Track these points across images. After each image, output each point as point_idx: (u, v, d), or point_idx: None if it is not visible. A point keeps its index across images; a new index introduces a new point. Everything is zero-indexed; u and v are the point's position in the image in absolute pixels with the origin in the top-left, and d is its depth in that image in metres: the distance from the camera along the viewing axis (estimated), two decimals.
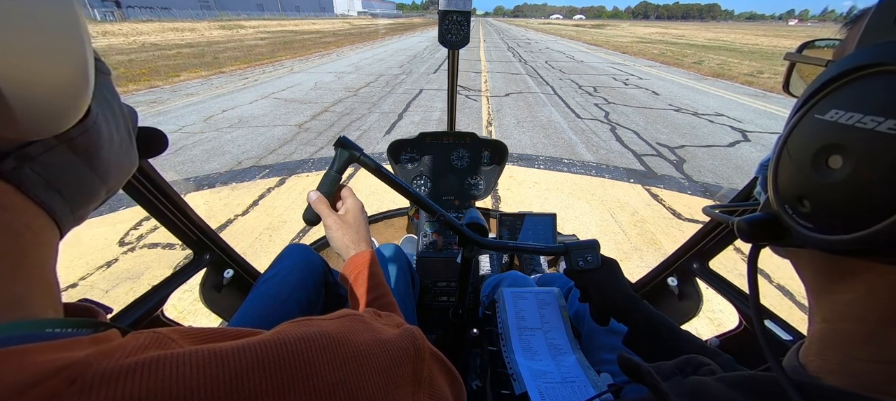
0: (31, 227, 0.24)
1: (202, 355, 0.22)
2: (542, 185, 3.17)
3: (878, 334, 0.22)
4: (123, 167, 0.32)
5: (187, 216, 0.82)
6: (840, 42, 0.28)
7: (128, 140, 0.33)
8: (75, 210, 0.27)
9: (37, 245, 0.24)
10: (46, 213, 0.24)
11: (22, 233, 0.23)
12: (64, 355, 0.19)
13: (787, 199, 0.24)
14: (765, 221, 0.26)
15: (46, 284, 0.25)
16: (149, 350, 0.22)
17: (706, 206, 0.47)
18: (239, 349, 0.23)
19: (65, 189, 0.25)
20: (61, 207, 0.25)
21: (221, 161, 3.54)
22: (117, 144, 0.30)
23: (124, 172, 0.33)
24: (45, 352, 0.19)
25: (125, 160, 0.32)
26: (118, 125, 0.31)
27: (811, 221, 0.22)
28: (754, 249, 0.29)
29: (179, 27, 22.57)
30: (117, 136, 0.30)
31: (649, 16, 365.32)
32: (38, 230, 0.24)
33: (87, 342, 0.22)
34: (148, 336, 0.23)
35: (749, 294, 0.29)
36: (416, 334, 0.35)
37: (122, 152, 0.31)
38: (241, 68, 9.34)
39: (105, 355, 0.20)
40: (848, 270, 0.24)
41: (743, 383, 0.25)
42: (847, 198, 0.20)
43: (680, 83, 8.58)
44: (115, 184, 0.31)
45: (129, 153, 0.33)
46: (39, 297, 0.24)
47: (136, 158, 0.35)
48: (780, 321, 0.77)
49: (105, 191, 0.30)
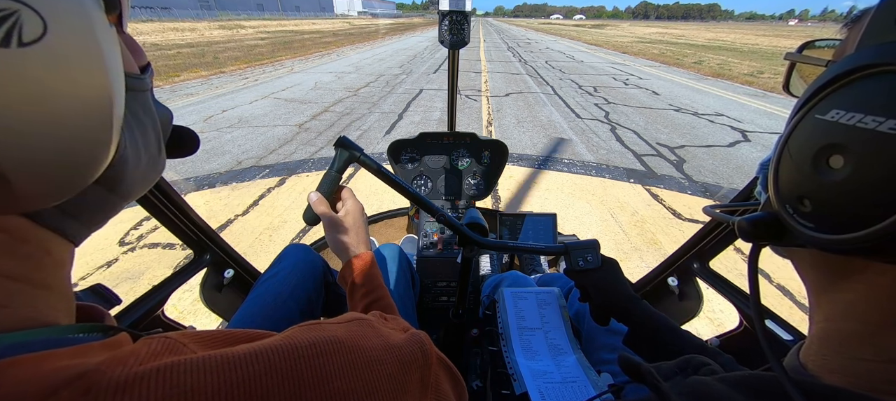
0: (51, 252, 0.24)
1: (215, 361, 0.22)
2: (542, 185, 3.17)
3: (880, 333, 0.22)
4: (148, 180, 0.31)
5: (187, 216, 0.82)
6: (840, 42, 0.28)
7: (156, 153, 0.31)
8: (92, 227, 0.27)
9: (57, 266, 0.25)
10: (62, 237, 0.25)
11: (42, 259, 0.23)
12: (78, 362, 0.19)
13: (787, 198, 0.24)
14: (766, 221, 0.26)
15: (62, 294, 0.25)
16: (162, 356, 0.22)
17: (706, 205, 0.47)
18: (252, 355, 0.23)
19: (83, 215, 0.25)
20: (77, 229, 0.25)
21: (221, 161, 3.54)
22: (144, 163, 0.29)
23: (148, 183, 0.32)
24: (60, 358, 0.19)
25: (151, 173, 0.31)
26: (148, 142, 0.29)
27: (812, 221, 0.22)
28: (755, 249, 0.29)
29: (179, 27, 22.57)
30: (145, 155, 0.29)
31: (649, 16, 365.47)
32: (58, 253, 0.25)
33: (99, 348, 0.22)
34: (160, 342, 0.23)
35: (750, 294, 0.29)
36: (424, 339, 0.36)
37: (148, 168, 0.30)
38: (241, 68, 9.34)
39: (119, 362, 0.20)
40: (849, 269, 0.24)
41: (744, 383, 0.25)
42: (848, 197, 0.20)
43: (680, 83, 8.57)
44: (136, 196, 0.30)
45: (156, 166, 0.32)
46: (57, 307, 0.24)
47: (162, 167, 0.33)
48: (781, 321, 0.77)
49: (125, 204, 0.29)
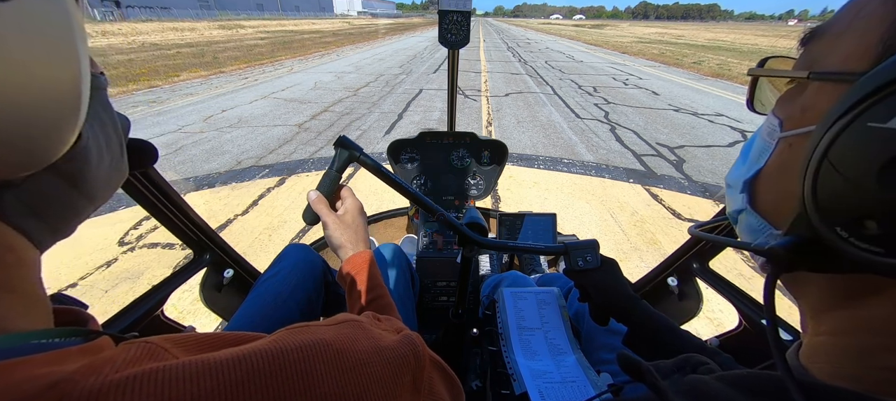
0: (14, 249, 0.23)
1: (196, 367, 0.21)
2: (542, 185, 3.17)
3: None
4: (112, 183, 0.31)
5: (187, 216, 0.82)
6: (802, 54, 0.27)
7: (119, 155, 0.31)
8: (58, 230, 0.26)
9: (20, 265, 0.23)
10: (25, 237, 0.24)
11: (4, 256, 0.22)
12: (53, 370, 0.18)
13: (838, 221, 0.21)
14: (806, 246, 0.23)
15: (33, 298, 0.24)
16: (140, 363, 0.21)
17: (691, 226, 0.46)
18: (235, 360, 0.22)
19: (47, 214, 0.24)
20: (42, 230, 0.25)
21: (221, 161, 3.54)
22: (107, 162, 0.29)
23: (112, 187, 0.31)
24: (34, 366, 0.18)
25: (115, 176, 0.31)
26: (109, 142, 0.29)
27: (881, 245, 0.20)
28: (775, 276, 0.27)
29: (179, 27, 22.55)
30: (108, 154, 0.29)
31: (649, 16, 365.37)
32: (21, 251, 0.24)
33: (76, 353, 0.21)
34: (139, 348, 0.22)
35: (765, 307, 0.27)
36: (416, 340, 0.35)
37: (111, 169, 0.30)
38: (240, 68, 9.34)
39: (94, 370, 0.19)
40: (879, 286, 0.23)
41: (742, 382, 0.25)
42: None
43: (679, 83, 8.58)
44: (101, 201, 0.30)
45: (119, 168, 0.32)
46: (26, 311, 0.23)
47: (126, 171, 0.34)
48: (780, 320, 0.77)
49: (91, 208, 0.29)
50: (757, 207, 0.30)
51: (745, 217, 0.31)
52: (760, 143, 0.30)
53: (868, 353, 0.23)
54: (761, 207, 0.29)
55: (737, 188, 0.31)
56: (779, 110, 0.29)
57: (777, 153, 0.28)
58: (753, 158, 0.30)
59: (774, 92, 0.34)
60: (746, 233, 0.31)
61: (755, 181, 0.30)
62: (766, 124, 0.30)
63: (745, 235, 0.31)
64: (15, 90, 0.18)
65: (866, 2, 0.22)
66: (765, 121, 0.30)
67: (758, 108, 0.36)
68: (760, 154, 0.29)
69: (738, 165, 0.33)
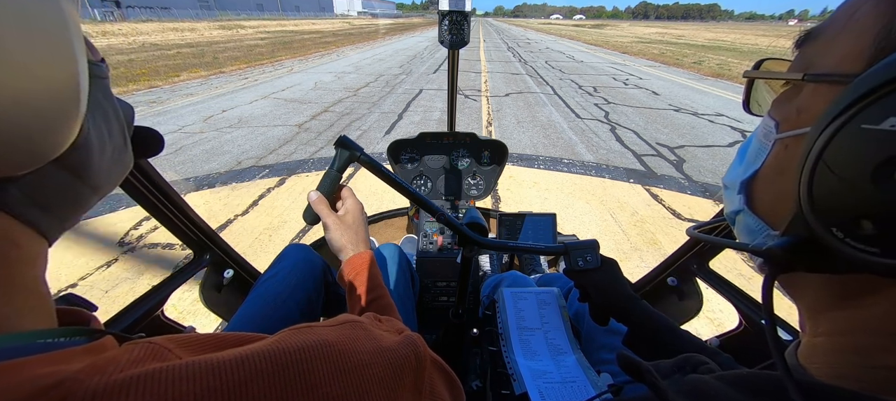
0: (19, 244, 0.23)
1: (198, 367, 0.21)
2: (542, 185, 3.17)
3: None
4: (116, 173, 0.31)
5: (187, 216, 0.82)
6: (798, 56, 0.27)
7: (122, 145, 0.31)
8: (64, 221, 0.26)
9: (26, 261, 0.23)
10: (33, 229, 0.24)
11: (9, 252, 0.22)
12: (57, 369, 0.19)
13: (834, 221, 0.21)
14: (803, 246, 0.23)
15: (38, 296, 0.24)
16: (144, 363, 0.21)
17: (689, 227, 0.46)
18: (237, 360, 0.23)
19: (52, 205, 0.24)
20: (48, 221, 0.24)
21: (221, 161, 3.54)
22: (110, 152, 0.29)
23: (117, 177, 0.31)
24: (38, 365, 0.18)
25: (118, 166, 0.31)
26: (112, 131, 0.29)
27: (876, 245, 0.20)
28: (774, 277, 0.27)
29: (179, 27, 22.56)
30: (110, 144, 0.29)
31: (649, 16, 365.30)
32: (27, 246, 0.24)
33: (80, 353, 0.21)
34: (143, 348, 0.22)
35: (763, 307, 0.27)
36: (417, 341, 0.35)
37: (115, 159, 0.30)
38: (240, 68, 9.34)
39: (98, 370, 0.19)
40: (877, 286, 0.23)
41: (741, 381, 0.25)
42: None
43: (680, 83, 8.58)
44: (106, 190, 0.30)
45: (123, 158, 0.32)
46: (31, 309, 0.23)
47: (130, 161, 0.33)
48: (779, 320, 0.77)
49: (96, 198, 0.29)
50: (754, 208, 0.30)
51: (742, 218, 0.31)
52: (757, 144, 0.30)
53: (866, 352, 0.23)
54: (758, 208, 0.29)
55: (734, 189, 0.31)
56: (775, 112, 0.29)
57: (773, 154, 0.28)
58: (750, 160, 0.30)
59: (770, 93, 0.34)
60: (744, 234, 0.31)
61: (752, 182, 0.30)
62: (762, 126, 0.30)
63: (742, 235, 0.31)
64: (10, 91, 0.18)
65: (860, 4, 0.22)
66: (761, 122, 0.30)
67: (754, 109, 0.36)
68: (757, 155, 0.29)
69: (735, 167, 0.33)
